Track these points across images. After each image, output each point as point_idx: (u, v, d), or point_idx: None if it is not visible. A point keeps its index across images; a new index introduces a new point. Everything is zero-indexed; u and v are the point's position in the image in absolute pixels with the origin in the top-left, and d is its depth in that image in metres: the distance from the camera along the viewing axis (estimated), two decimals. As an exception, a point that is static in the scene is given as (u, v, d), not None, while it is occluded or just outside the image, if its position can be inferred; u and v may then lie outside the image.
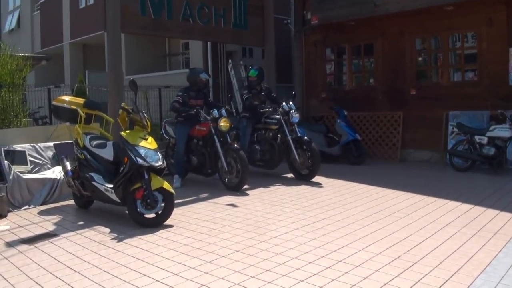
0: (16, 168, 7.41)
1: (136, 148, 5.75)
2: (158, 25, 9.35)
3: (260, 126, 9.14)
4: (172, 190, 5.78)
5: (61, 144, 8.22)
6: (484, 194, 7.05)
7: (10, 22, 25.34)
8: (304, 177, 8.52)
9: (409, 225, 5.45)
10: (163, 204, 5.74)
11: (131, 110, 6.11)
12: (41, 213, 6.66)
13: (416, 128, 10.74)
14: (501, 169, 8.95)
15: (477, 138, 8.98)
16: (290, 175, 8.95)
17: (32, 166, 7.88)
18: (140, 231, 5.48)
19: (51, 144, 8.26)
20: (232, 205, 6.73)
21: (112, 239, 5.24)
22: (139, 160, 5.65)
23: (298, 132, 8.71)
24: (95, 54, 19.94)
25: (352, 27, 11.48)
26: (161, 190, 5.74)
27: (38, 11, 23.06)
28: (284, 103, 8.79)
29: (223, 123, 7.80)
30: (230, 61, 12.27)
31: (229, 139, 7.98)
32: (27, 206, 7.00)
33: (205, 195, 7.51)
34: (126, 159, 5.80)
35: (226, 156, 7.79)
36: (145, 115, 6.19)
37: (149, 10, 9.11)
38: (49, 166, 8.03)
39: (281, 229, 5.39)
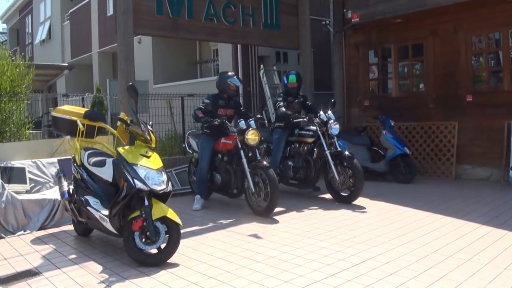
0: (13, 188, 6.54)
1: (135, 168, 4.67)
2: (177, 25, 8.33)
3: (294, 139, 8.04)
4: (178, 220, 4.66)
5: (67, 160, 7.24)
6: None
7: (41, 33, 25.09)
8: (344, 199, 7.35)
9: (479, 272, 4.15)
10: (167, 237, 4.63)
11: (129, 122, 5.04)
12: (35, 241, 5.70)
13: (473, 141, 9.34)
14: None
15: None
16: (328, 196, 7.75)
17: (32, 184, 7.01)
18: (136, 272, 4.40)
19: (55, 160, 7.34)
20: (256, 236, 5.56)
21: (99, 282, 4.17)
22: (138, 183, 4.57)
23: (338, 146, 7.53)
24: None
25: (398, 25, 10.17)
26: (165, 219, 4.62)
27: (68, 21, 22.68)
28: (321, 112, 7.72)
29: (251, 136, 6.71)
30: (262, 66, 11.25)
31: (258, 155, 6.84)
32: (22, 232, 6.08)
33: (227, 221, 6.39)
34: (122, 181, 4.72)
35: (254, 175, 6.66)
36: (149, 127, 5.11)
37: (167, 8, 8.12)
38: (52, 185, 7.12)
39: (312, 275, 4.18)
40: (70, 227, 6.14)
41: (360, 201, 7.28)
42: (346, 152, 7.36)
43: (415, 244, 5.05)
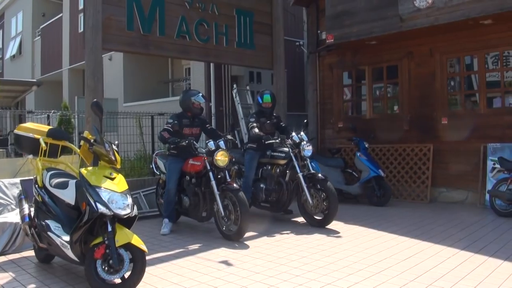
0: (-30, 210, 6.13)
1: (97, 190, 4.35)
2: (148, 41, 8.08)
3: (266, 161, 7.79)
4: (143, 247, 4.33)
5: (30, 181, 6.83)
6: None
7: (12, 48, 24.60)
8: (318, 223, 7.12)
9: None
10: (131, 265, 4.30)
11: (93, 141, 4.74)
12: (-9, 268, 5.25)
13: (448, 164, 9.24)
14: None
15: (524, 176, 7.49)
16: (302, 219, 7.51)
17: (-8, 207, 6.58)
18: (97, 304, 4.07)
19: (18, 180, 6.94)
20: (226, 262, 5.26)
21: (56, 316, 3.83)
22: (100, 206, 4.23)
23: (311, 168, 7.30)
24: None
25: (373, 47, 10.09)
26: (129, 246, 4.28)
27: (39, 37, 22.24)
28: (294, 134, 7.55)
29: (220, 157, 6.45)
30: (235, 86, 11.06)
31: (228, 177, 6.57)
32: (-20, 257, 5.65)
33: (196, 246, 6.07)
34: (84, 204, 4.39)
35: (223, 198, 6.39)
36: (114, 146, 4.80)
37: (137, 23, 7.87)
38: (13, 207, 6.69)
39: (287, 307, 3.92)
40: (32, 252, 5.75)
41: (334, 225, 7.07)
42: (320, 175, 7.15)
43: (393, 271, 4.83)
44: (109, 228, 4.25)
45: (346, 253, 5.57)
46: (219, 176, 6.52)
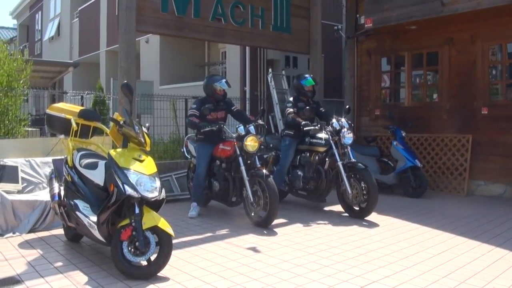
0: (4, 187, 6.25)
1: (126, 172, 4.32)
2: (182, 24, 7.99)
3: (304, 148, 7.54)
4: (170, 231, 4.29)
5: (62, 161, 6.93)
6: None
7: (51, 30, 24.82)
8: (356, 214, 6.91)
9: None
10: (157, 248, 4.27)
11: (122, 123, 4.69)
12: (23, 245, 5.36)
13: (487, 156, 8.92)
14: None
15: None
16: (338, 209, 7.36)
17: (25, 184, 6.71)
18: (122, 285, 4.07)
19: (50, 159, 7.01)
20: (254, 249, 5.19)
21: (81, 296, 3.83)
22: (128, 188, 4.21)
23: (351, 157, 7.08)
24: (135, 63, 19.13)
25: (413, 32, 9.78)
26: (156, 229, 4.26)
27: (77, 19, 22.44)
28: (334, 120, 7.27)
29: (250, 143, 6.35)
30: (270, 70, 10.89)
31: (257, 162, 6.47)
32: (11, 234, 5.77)
33: (224, 231, 6.03)
34: (112, 186, 4.37)
35: (252, 184, 6.30)
36: (144, 129, 4.77)
37: (172, 5, 7.77)
38: (45, 185, 6.79)
39: (313, 298, 3.82)
40: (61, 231, 5.80)
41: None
42: (360, 164, 6.91)
43: (425, 266, 4.67)
44: (136, 211, 4.23)
45: (378, 245, 5.42)
46: (248, 162, 6.44)
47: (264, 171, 6.27)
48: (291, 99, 7.85)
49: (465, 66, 9.27)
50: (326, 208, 7.69)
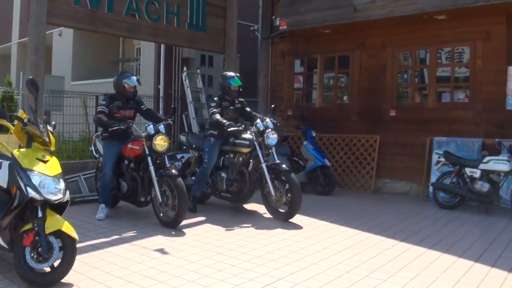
0: None
1: (29, 174, 4.09)
2: (95, 18, 7.76)
3: (228, 148, 7.35)
4: (74, 235, 4.10)
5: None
6: (484, 243, 5.61)
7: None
8: (280, 216, 6.74)
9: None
10: (61, 253, 4.09)
11: (26, 121, 4.48)
12: None
13: (394, 155, 9.34)
14: (491, 207, 7.59)
15: (468, 170, 7.62)
16: (259, 209, 7.41)
17: None
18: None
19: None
20: (162, 251, 5.11)
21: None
22: (31, 191, 3.99)
23: (275, 158, 6.95)
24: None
25: (326, 36, 10.06)
26: (59, 233, 4.07)
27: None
28: (258, 120, 7.13)
29: (159, 142, 6.24)
30: (185, 68, 10.83)
31: (167, 162, 6.37)
32: None
33: (133, 233, 5.88)
34: (15, 188, 4.15)
35: (161, 184, 6.20)
36: (50, 127, 4.58)
37: (85, -2, 7.53)
38: None
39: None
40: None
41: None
42: (284, 166, 6.79)
43: (331, 262, 4.81)
44: (39, 214, 4.03)
45: (285, 243, 5.52)
46: (158, 161, 6.32)
47: (173, 171, 6.20)
48: (215, 98, 7.56)
49: (375, 70, 9.65)
50: (250, 210, 7.65)
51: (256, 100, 11.51)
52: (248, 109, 7.75)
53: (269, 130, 6.96)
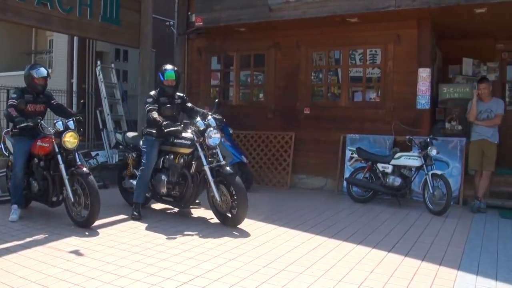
0: None
1: None
2: (5, 6, 7.28)
3: (168, 149, 6.79)
4: None
5: None
6: (398, 234, 5.90)
7: None
8: (229, 222, 6.26)
9: (312, 286, 4.08)
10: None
11: None
12: None
13: (309, 152, 9.60)
14: (403, 201, 8.03)
15: (380, 166, 7.99)
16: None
17: None
18: None
19: None
20: (77, 252, 4.96)
21: None
22: None
23: (221, 159, 6.43)
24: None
25: (242, 34, 10.13)
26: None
27: None
28: (199, 118, 6.56)
29: (69, 139, 5.99)
30: (99, 62, 10.54)
31: (78, 160, 6.16)
32: None
33: (47, 234, 5.64)
34: None
35: (73, 182, 5.99)
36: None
37: (-6, -15, 7.10)
38: None
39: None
40: None
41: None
42: (228, 168, 6.25)
43: (247, 257, 4.88)
44: None
45: (201, 241, 5.52)
46: (69, 159, 6.07)
47: (85, 169, 6.01)
48: (152, 93, 6.91)
49: (290, 69, 9.85)
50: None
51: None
52: (189, 104, 7.21)
53: (211, 129, 6.37)
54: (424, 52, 8.58)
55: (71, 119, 6.25)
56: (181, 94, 7.25)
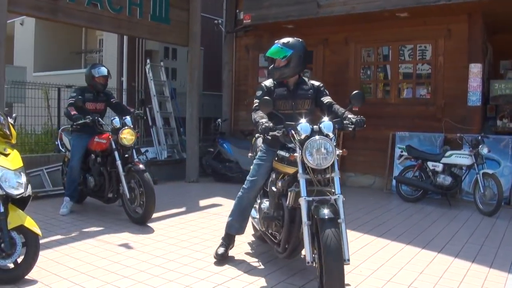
0: None
1: (-11, 168, 4.01)
2: (57, 7, 7.47)
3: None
4: (37, 230, 4.03)
5: None
6: (448, 235, 5.76)
7: None
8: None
9: (361, 284, 4.04)
10: (24, 249, 4.00)
11: (-16, 113, 4.34)
12: None
13: (357, 150, 9.43)
14: (454, 200, 7.84)
15: (430, 164, 7.81)
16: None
17: None
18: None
19: None
20: (126, 246, 5.07)
21: None
22: (-8, 185, 3.92)
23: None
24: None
25: (290, 31, 10.01)
26: (22, 229, 3.99)
27: None
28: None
29: (126, 135, 6.09)
30: (148, 61, 10.73)
31: (135, 156, 6.28)
32: None
33: (97, 229, 5.78)
34: (-26, 183, 4.03)
35: (129, 179, 6.07)
36: (10, 120, 4.46)
37: (47, -14, 7.30)
38: None
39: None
40: None
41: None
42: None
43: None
44: (1, 209, 3.94)
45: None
46: (126, 156, 6.18)
47: (141, 166, 6.09)
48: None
49: (339, 65, 9.74)
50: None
51: (221, 94, 11.51)
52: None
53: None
54: (475, 47, 8.33)
55: (127, 116, 6.36)
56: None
